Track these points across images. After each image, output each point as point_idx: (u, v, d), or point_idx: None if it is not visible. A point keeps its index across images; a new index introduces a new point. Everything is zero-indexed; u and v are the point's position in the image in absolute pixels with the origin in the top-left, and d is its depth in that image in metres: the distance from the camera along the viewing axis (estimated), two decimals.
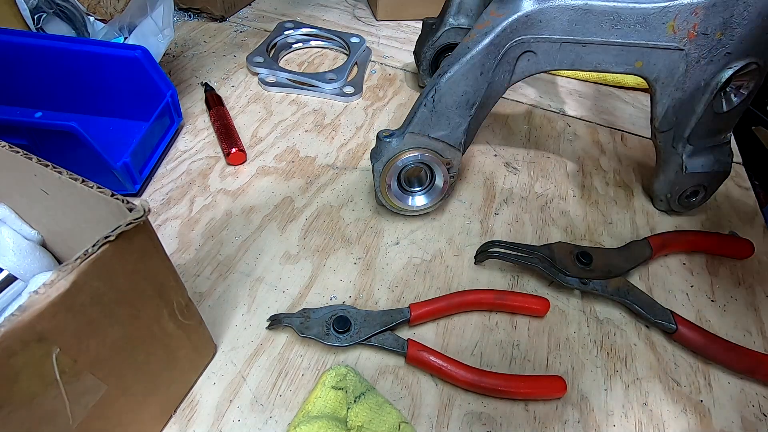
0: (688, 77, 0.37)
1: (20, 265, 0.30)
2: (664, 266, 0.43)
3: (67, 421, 0.21)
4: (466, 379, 0.32)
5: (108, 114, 0.49)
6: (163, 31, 0.49)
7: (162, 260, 0.24)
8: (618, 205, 0.48)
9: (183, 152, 0.49)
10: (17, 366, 0.18)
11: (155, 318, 0.25)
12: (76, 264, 0.19)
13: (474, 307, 0.37)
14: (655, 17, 0.35)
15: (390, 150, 0.39)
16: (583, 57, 0.37)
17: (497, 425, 0.32)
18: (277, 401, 0.31)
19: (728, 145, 0.43)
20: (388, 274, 0.40)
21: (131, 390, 0.25)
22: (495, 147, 0.54)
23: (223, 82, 0.58)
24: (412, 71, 0.64)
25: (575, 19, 0.35)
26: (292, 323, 0.34)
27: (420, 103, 0.38)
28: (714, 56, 0.36)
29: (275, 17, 0.72)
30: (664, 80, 0.38)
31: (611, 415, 0.33)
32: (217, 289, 0.37)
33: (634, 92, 0.64)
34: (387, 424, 0.29)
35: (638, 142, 0.56)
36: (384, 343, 0.34)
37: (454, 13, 0.50)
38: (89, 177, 0.23)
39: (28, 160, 0.24)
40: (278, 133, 0.52)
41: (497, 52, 0.36)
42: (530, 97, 0.62)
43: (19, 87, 0.47)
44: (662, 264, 0.43)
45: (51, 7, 0.51)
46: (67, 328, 0.19)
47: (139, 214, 0.21)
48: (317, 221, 0.43)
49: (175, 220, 0.42)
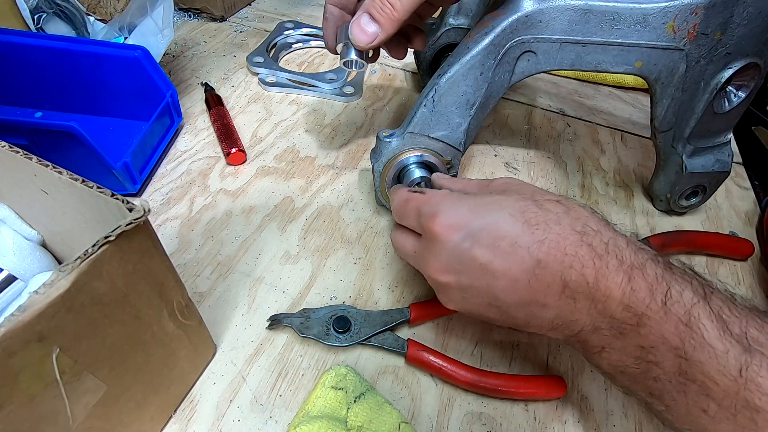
0: (688, 77, 0.37)
1: (20, 265, 0.30)
2: None
3: (67, 421, 0.21)
4: (466, 379, 0.32)
5: (108, 114, 0.49)
6: (163, 31, 0.49)
7: (162, 260, 0.24)
8: (618, 205, 0.48)
9: (183, 152, 0.49)
10: (17, 366, 0.18)
11: (155, 318, 0.25)
12: (76, 264, 0.19)
13: None
14: (655, 17, 0.35)
15: (390, 150, 0.39)
16: (583, 57, 0.37)
17: (497, 425, 0.32)
18: (277, 401, 0.31)
19: (728, 145, 0.43)
20: (388, 274, 0.40)
21: (131, 390, 0.25)
22: (495, 147, 0.54)
23: (223, 82, 0.58)
24: (412, 71, 0.64)
25: (575, 19, 0.35)
26: (292, 323, 0.34)
27: (420, 103, 0.38)
28: (714, 56, 0.36)
29: (275, 17, 0.72)
30: (664, 80, 0.38)
31: (611, 415, 0.33)
32: (217, 289, 0.37)
33: (634, 92, 0.64)
34: (387, 424, 0.29)
35: (638, 142, 0.56)
36: (384, 343, 0.34)
37: (454, 13, 0.50)
38: (89, 177, 0.23)
39: (28, 160, 0.24)
40: (278, 133, 0.52)
41: (497, 52, 0.36)
42: (530, 97, 0.62)
43: (19, 87, 0.47)
44: None
45: (51, 7, 0.51)
46: (67, 328, 0.19)
47: (139, 214, 0.21)
48: (317, 221, 0.43)
49: (175, 220, 0.42)
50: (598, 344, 0.25)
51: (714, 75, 0.37)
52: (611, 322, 0.24)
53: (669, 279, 0.24)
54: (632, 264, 0.24)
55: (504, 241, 0.26)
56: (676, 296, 0.23)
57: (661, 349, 0.23)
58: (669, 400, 0.24)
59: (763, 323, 0.22)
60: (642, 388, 0.25)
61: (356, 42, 0.34)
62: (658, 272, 0.24)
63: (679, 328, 0.22)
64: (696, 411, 0.22)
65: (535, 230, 0.25)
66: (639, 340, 0.24)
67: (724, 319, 0.22)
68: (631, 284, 0.24)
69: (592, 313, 0.25)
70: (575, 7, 0.35)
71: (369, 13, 0.33)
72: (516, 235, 0.26)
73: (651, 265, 0.24)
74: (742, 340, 0.22)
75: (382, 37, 0.33)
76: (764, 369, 0.21)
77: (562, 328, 0.26)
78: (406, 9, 0.32)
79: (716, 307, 0.23)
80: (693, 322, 0.22)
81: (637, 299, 0.24)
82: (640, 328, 0.23)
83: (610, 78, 0.64)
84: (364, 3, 0.33)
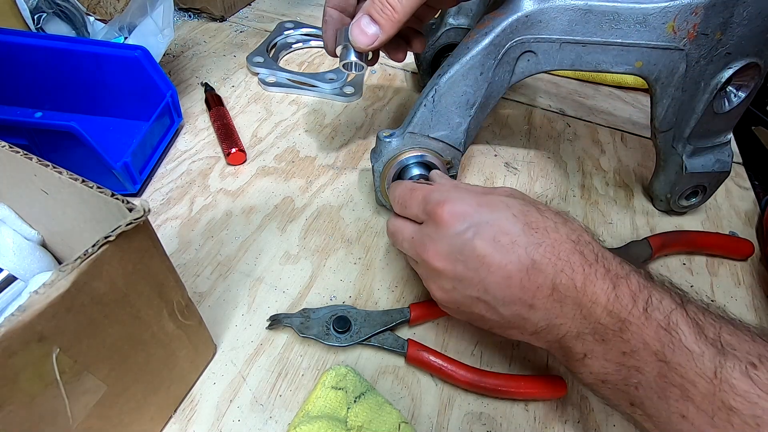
0: (688, 77, 0.37)
1: (20, 265, 0.30)
2: (664, 266, 0.43)
3: (67, 421, 0.21)
4: (466, 379, 0.32)
5: (108, 114, 0.49)
6: (163, 31, 0.49)
7: (162, 260, 0.24)
8: (618, 205, 0.48)
9: (183, 152, 0.49)
10: (17, 366, 0.18)
11: (155, 318, 0.25)
12: (76, 264, 0.19)
13: None
14: (655, 17, 0.35)
15: (390, 150, 0.39)
16: (583, 57, 0.37)
17: (497, 425, 0.32)
18: (277, 401, 0.31)
19: (728, 145, 0.43)
20: (388, 274, 0.40)
21: (131, 390, 0.25)
22: (495, 147, 0.54)
23: (223, 82, 0.58)
24: (412, 71, 0.64)
25: (575, 20, 0.35)
26: (292, 323, 0.34)
27: (420, 103, 0.38)
28: (714, 56, 0.36)
29: (275, 17, 0.72)
30: (664, 80, 0.38)
31: (611, 415, 0.33)
32: (217, 289, 0.37)
33: (634, 92, 0.64)
34: (387, 424, 0.29)
35: (638, 142, 0.56)
36: (384, 343, 0.34)
37: (454, 13, 0.50)
38: (89, 177, 0.23)
39: (28, 160, 0.24)
40: (278, 133, 0.52)
41: (497, 52, 0.36)
42: (530, 97, 0.62)
43: (19, 87, 0.47)
44: (662, 264, 0.43)
45: (51, 7, 0.51)
46: (67, 328, 0.19)
47: (139, 214, 0.21)
48: (317, 221, 0.43)
49: (175, 220, 0.42)
50: (581, 350, 0.26)
51: (714, 75, 0.37)
52: (595, 327, 0.25)
53: (650, 288, 0.25)
54: (617, 273, 0.26)
55: (505, 238, 0.27)
56: (656, 303, 0.24)
57: (642, 354, 0.24)
58: (650, 408, 0.24)
59: (735, 329, 0.24)
60: (623, 398, 0.26)
61: (356, 43, 0.34)
62: (641, 281, 0.26)
63: (659, 332, 0.24)
64: (676, 418, 0.23)
65: (534, 233, 0.27)
66: (621, 346, 0.25)
67: (700, 324, 0.24)
68: (616, 291, 0.25)
69: (577, 318, 0.26)
70: (575, 7, 0.35)
71: (369, 15, 0.33)
72: (516, 234, 0.27)
73: (634, 276, 0.26)
74: (716, 343, 0.23)
75: (383, 39, 0.33)
76: (737, 371, 0.22)
77: (545, 332, 0.27)
78: (406, 10, 0.32)
79: (692, 314, 0.24)
80: (672, 327, 0.23)
81: (620, 305, 0.25)
82: (622, 333, 0.24)
83: (610, 78, 0.64)
84: (363, 5, 0.33)
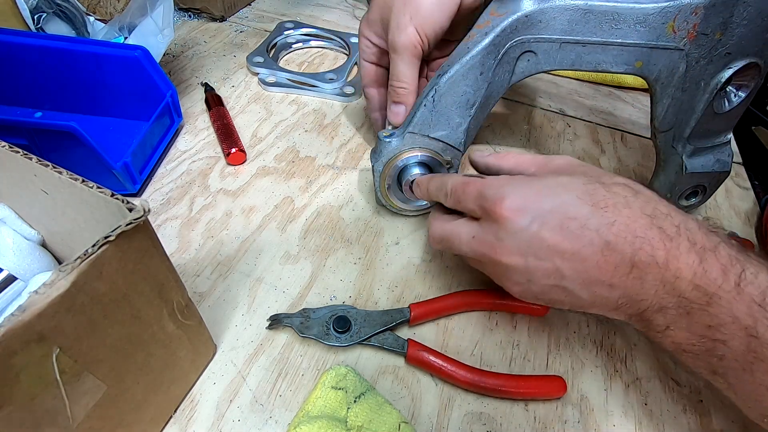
0: (688, 77, 0.37)
1: (20, 265, 0.30)
2: None
3: (67, 421, 0.21)
4: (466, 379, 0.32)
5: (108, 114, 0.49)
6: (163, 31, 0.49)
7: (162, 260, 0.24)
8: None
9: (183, 152, 0.49)
10: (17, 366, 0.18)
11: (155, 318, 0.25)
12: (76, 264, 0.19)
13: (474, 307, 0.37)
14: (655, 17, 0.35)
15: (390, 150, 0.39)
16: (583, 57, 0.37)
17: (497, 425, 0.32)
18: (277, 401, 0.31)
19: (728, 145, 0.43)
20: (388, 274, 0.40)
21: (131, 390, 0.25)
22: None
23: (223, 82, 0.58)
24: None
25: (575, 19, 0.35)
26: (292, 323, 0.34)
27: (420, 103, 0.38)
28: (714, 56, 0.36)
29: (275, 17, 0.72)
30: (664, 80, 0.38)
31: (611, 415, 0.33)
32: (217, 289, 0.37)
33: (634, 92, 0.64)
34: (387, 424, 0.29)
35: (638, 142, 0.56)
36: (384, 343, 0.34)
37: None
38: (89, 177, 0.23)
39: (28, 160, 0.24)
40: (278, 133, 0.52)
41: (497, 52, 0.36)
42: (530, 97, 0.62)
43: (19, 87, 0.47)
44: None
45: (51, 7, 0.51)
46: (67, 328, 0.19)
47: (139, 214, 0.21)
48: (317, 221, 0.43)
49: (175, 220, 0.42)
50: (663, 323, 0.26)
51: (714, 75, 0.37)
52: (679, 301, 0.24)
53: (743, 261, 0.24)
54: (704, 246, 0.25)
55: (573, 223, 0.26)
56: (751, 278, 0.23)
57: (730, 328, 0.23)
58: (733, 379, 0.24)
59: None
60: (705, 366, 0.25)
61: (395, 124, 0.41)
62: (732, 254, 0.24)
63: (753, 308, 0.23)
64: (762, 390, 0.23)
65: (604, 213, 0.26)
66: (707, 319, 0.24)
67: None
68: (703, 265, 0.24)
69: (659, 293, 0.25)
70: (575, 7, 0.35)
71: (392, 101, 0.40)
72: (585, 217, 0.26)
73: (724, 247, 0.25)
74: None
75: (410, 108, 0.40)
76: None
77: (626, 307, 0.26)
78: (414, 79, 0.39)
79: None
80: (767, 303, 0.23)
81: (708, 279, 0.24)
82: (709, 308, 0.24)
83: (610, 78, 0.64)
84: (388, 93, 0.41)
